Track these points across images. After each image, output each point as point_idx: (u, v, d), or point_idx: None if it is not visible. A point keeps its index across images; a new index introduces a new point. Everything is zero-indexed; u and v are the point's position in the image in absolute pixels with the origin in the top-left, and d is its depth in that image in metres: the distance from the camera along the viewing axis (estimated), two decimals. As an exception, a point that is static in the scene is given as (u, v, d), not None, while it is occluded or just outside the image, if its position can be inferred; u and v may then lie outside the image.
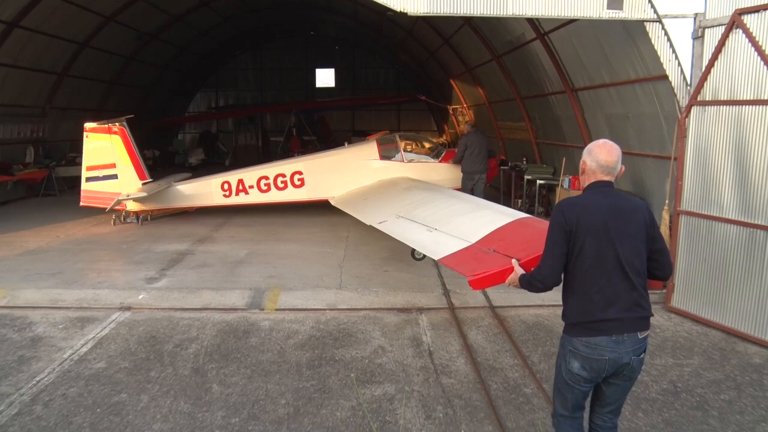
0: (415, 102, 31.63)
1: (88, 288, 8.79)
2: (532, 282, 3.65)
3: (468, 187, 13.09)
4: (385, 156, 13.36)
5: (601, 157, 3.53)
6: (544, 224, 5.77)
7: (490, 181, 14.43)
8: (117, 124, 12.78)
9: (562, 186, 13.19)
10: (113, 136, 12.73)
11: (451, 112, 27.34)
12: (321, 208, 13.82)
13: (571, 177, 13.09)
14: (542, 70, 13.56)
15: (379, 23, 25.79)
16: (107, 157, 12.73)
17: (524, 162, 16.81)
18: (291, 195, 13.14)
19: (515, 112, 17.29)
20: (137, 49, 22.44)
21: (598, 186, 3.55)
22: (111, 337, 7.03)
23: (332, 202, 12.33)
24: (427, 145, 14.64)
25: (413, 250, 9.82)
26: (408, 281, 9.27)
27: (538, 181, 14.50)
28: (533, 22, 12.27)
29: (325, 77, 35.48)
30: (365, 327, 7.43)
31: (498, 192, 17.35)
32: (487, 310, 8.14)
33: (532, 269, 3.75)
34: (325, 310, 8.05)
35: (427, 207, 8.57)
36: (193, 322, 7.55)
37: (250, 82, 35.29)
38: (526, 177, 14.97)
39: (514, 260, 4.18)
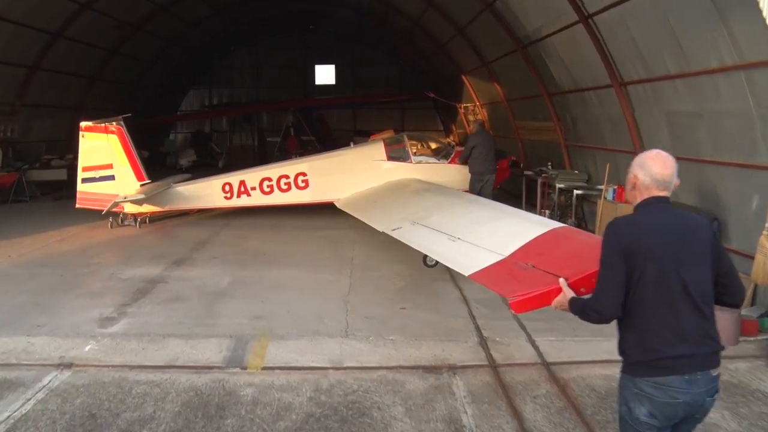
0: (421, 100, 30.16)
1: (21, 334, 6.84)
2: (587, 311, 3.20)
3: (476, 188, 12.51)
4: (392, 157, 12.83)
5: (655, 170, 3.15)
6: (586, 236, 5.63)
7: (500, 184, 13.70)
8: (114, 123, 12.36)
9: (605, 197, 11.29)
10: (110, 135, 12.32)
11: (462, 110, 25.48)
12: (323, 216, 13.35)
13: (616, 186, 11.18)
14: (580, 62, 11.64)
15: (383, 13, 23.90)
16: (104, 157, 12.30)
17: (549, 167, 14.91)
18: (295, 197, 12.67)
19: (540, 110, 15.36)
20: (120, 42, 20.49)
21: (655, 203, 3.17)
22: (32, 418, 5.07)
23: (338, 205, 11.87)
24: (436, 146, 13.91)
25: (425, 257, 9.37)
26: (433, 323, 7.33)
27: (575, 192, 12.59)
28: (575, 3, 10.32)
29: (325, 74, 33.75)
30: (382, 399, 5.48)
31: (518, 200, 15.37)
32: (541, 368, 6.20)
33: (587, 296, 3.33)
34: (327, 369, 6.09)
35: (446, 213, 8.15)
36: (150, 390, 5.59)
37: (245, 79, 33.45)
38: (558, 185, 13.02)
39: (561, 280, 3.63)
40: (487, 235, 6.20)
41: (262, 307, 7.78)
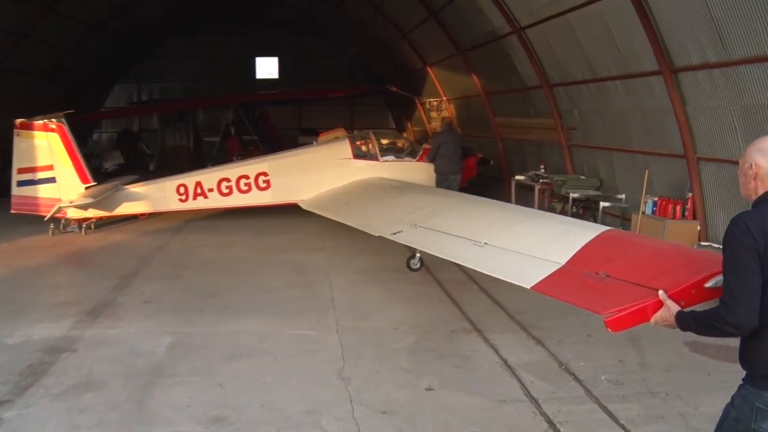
0: (372, 96, 28.83)
1: None
2: (716, 325, 2.74)
3: (441, 188, 11.88)
4: (359, 155, 12.44)
5: None
6: (647, 240, 5.74)
7: (467, 182, 13.13)
8: (54, 120, 11.53)
9: (643, 212, 9.14)
10: (50, 134, 11.49)
11: (421, 106, 23.25)
12: (282, 229, 12.43)
13: (657, 198, 9.02)
14: (607, 44, 9.45)
15: (339, -1, 21.45)
16: (43, 157, 11.50)
17: (542, 170, 12.80)
18: (255, 198, 12.09)
19: (533, 105, 13.23)
20: (29, 25, 17.21)
21: None
22: None
23: (303, 206, 11.51)
24: (402, 143, 13.62)
25: (409, 258, 9.24)
26: (483, 417, 4.89)
27: (601, 204, 10.45)
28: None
29: (267, 67, 31.12)
30: None
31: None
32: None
33: (713, 308, 2.80)
34: None
35: (451, 214, 7.64)
36: None
37: (179, 72, 30.23)
38: (571, 194, 10.80)
39: (661, 292, 3.22)
40: (523, 240, 5.84)
41: (222, 398, 5.13)
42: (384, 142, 12.99)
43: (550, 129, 12.74)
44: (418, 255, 9.05)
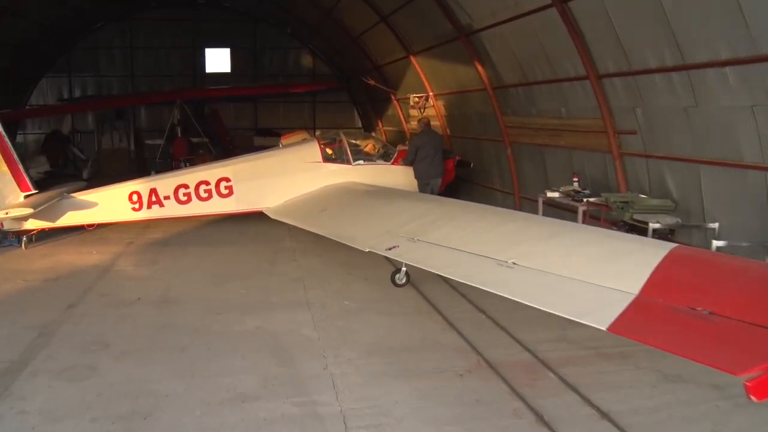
0: (336, 92, 26.79)
1: None
2: None
3: (425, 192, 11.59)
4: (329, 158, 11.79)
5: None
6: (736, 261, 4.97)
7: (446, 185, 12.48)
8: None
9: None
10: None
11: (396, 103, 20.32)
12: (246, 253, 10.95)
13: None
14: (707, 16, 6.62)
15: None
16: None
17: (576, 182, 10.09)
18: (217, 206, 11.30)
19: (569, 100, 10.38)
20: None
21: None
22: None
23: (270, 214, 10.97)
24: (377, 145, 12.73)
25: (393, 273, 8.57)
26: None
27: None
28: None
29: (218, 59, 27.84)
30: None
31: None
32: None
33: None
34: None
35: (455, 225, 6.69)
36: None
37: (116, 64, 26.86)
38: (652, 224, 7.90)
39: None
40: (564, 259, 5.05)
41: None
42: (355, 143, 12.31)
43: (592, 133, 9.90)
44: (404, 269, 8.38)
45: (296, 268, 9.67)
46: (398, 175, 11.89)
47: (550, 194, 10.34)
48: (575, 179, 10.31)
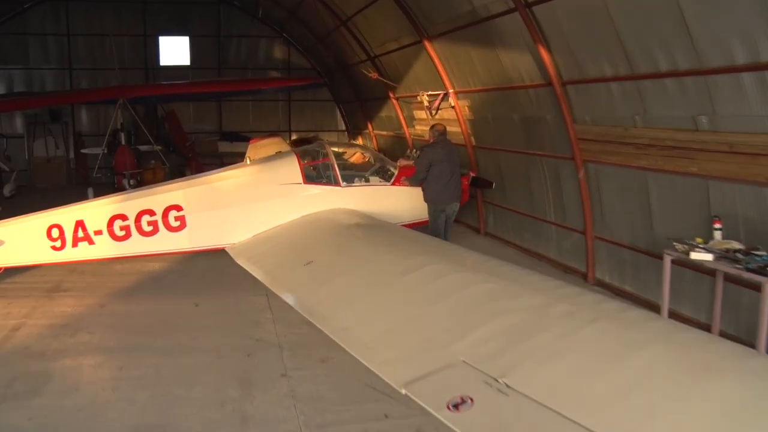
0: (315, 89, 24.25)
1: None
2: None
3: (440, 222, 9.76)
4: (311, 178, 9.70)
5: None
6: None
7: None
8: None
9: None
10: None
11: (395, 103, 16.71)
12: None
13: None
14: None
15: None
16: None
17: (718, 230, 6.30)
18: (165, 243, 9.12)
19: (733, 103, 6.49)
20: None
21: None
22: None
23: (232, 254, 8.74)
24: (372, 160, 10.84)
25: None
26: None
27: None
28: None
29: (175, 50, 24.97)
30: None
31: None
32: None
33: None
34: None
35: (562, 345, 3.86)
36: None
37: (50, 55, 23.63)
38: None
39: None
40: None
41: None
42: (346, 156, 11.04)
43: (743, 156, 6.05)
44: None
45: (287, 398, 5.57)
46: (402, 200, 10.14)
47: (695, 255, 6.39)
48: (716, 225, 6.49)
